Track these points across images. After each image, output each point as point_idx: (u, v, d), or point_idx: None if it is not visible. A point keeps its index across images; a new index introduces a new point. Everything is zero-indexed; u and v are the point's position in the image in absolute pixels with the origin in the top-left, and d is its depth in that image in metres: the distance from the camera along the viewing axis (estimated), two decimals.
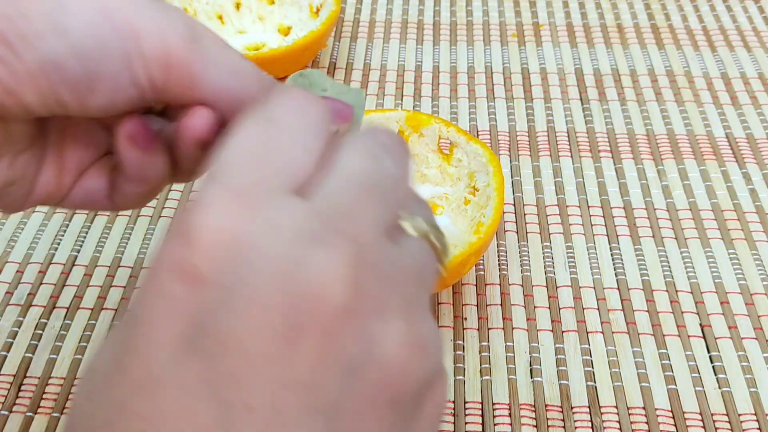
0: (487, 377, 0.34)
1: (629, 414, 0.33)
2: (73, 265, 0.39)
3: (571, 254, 0.39)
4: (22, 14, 0.18)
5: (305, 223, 0.15)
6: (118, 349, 0.15)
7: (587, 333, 0.36)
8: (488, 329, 0.36)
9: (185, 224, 0.15)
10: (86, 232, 0.41)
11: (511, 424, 0.32)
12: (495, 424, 0.32)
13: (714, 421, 0.32)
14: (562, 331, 0.36)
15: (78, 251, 0.40)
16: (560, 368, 0.34)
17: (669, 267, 0.38)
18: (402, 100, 0.49)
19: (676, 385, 0.34)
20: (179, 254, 0.15)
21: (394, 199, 0.18)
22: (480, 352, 0.35)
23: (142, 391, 0.14)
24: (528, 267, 0.38)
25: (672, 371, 0.34)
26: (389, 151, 0.18)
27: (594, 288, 0.37)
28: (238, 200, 0.15)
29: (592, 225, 0.41)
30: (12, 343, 0.35)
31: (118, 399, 0.15)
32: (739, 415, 0.33)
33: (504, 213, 0.41)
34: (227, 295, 0.14)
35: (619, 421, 0.32)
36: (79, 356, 0.35)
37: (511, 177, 0.43)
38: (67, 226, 0.41)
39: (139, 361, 0.15)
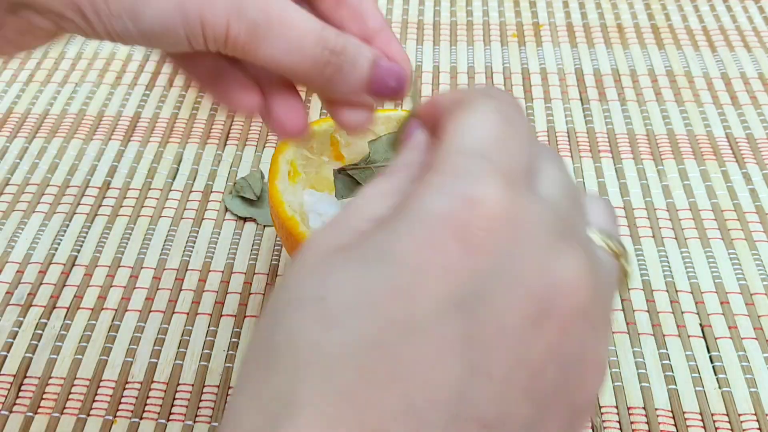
0: None
1: (629, 414, 0.33)
2: (73, 265, 0.39)
3: None
4: None
5: (555, 222, 0.17)
6: (371, 286, 0.15)
7: None
8: None
9: (468, 192, 0.16)
10: (86, 232, 0.41)
11: None
12: None
13: (714, 421, 0.32)
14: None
15: (78, 251, 0.40)
16: None
17: (669, 267, 0.38)
18: (402, 100, 0.49)
19: (676, 385, 0.34)
20: (462, 217, 0.16)
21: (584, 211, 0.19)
22: None
23: (402, 332, 0.15)
24: None
25: (672, 371, 0.34)
26: (563, 164, 0.20)
27: None
28: (508, 184, 0.16)
29: None
30: (12, 343, 0.35)
31: (371, 334, 0.15)
32: (739, 415, 0.33)
33: None
34: (499, 268, 0.15)
35: (619, 421, 0.32)
36: (80, 356, 0.35)
37: None
38: (68, 226, 0.41)
39: (404, 304, 0.15)
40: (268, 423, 0.15)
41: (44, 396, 0.33)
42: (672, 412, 0.33)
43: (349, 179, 0.33)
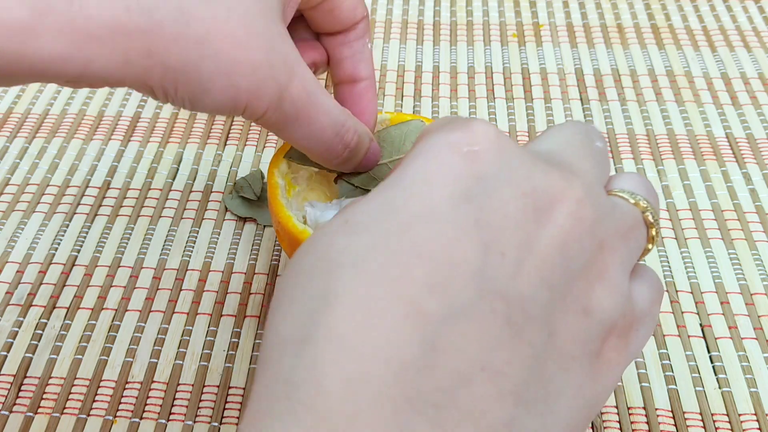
0: None
1: (629, 414, 0.33)
2: (73, 265, 0.39)
3: None
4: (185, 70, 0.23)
5: (542, 157, 0.20)
6: (389, 196, 0.18)
7: None
8: None
9: (466, 124, 0.19)
10: (86, 232, 0.41)
11: None
12: None
13: (714, 421, 0.32)
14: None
15: (78, 251, 0.40)
16: None
17: (669, 267, 0.38)
18: (402, 100, 0.49)
19: (676, 385, 0.34)
20: (460, 138, 0.18)
21: (605, 165, 0.22)
22: None
23: (421, 222, 0.17)
24: None
25: (672, 371, 0.34)
26: (599, 136, 0.22)
27: None
28: (499, 131, 0.19)
29: None
30: (12, 343, 0.36)
31: (393, 228, 0.17)
32: (739, 415, 0.33)
33: None
34: (496, 173, 0.18)
35: (619, 421, 0.32)
36: (80, 356, 0.35)
37: None
38: (68, 226, 0.41)
39: (420, 202, 0.17)
40: (308, 319, 0.16)
41: (44, 396, 0.33)
42: (672, 412, 0.33)
43: (348, 184, 0.33)
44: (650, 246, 0.22)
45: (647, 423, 0.32)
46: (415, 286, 0.16)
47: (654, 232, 0.22)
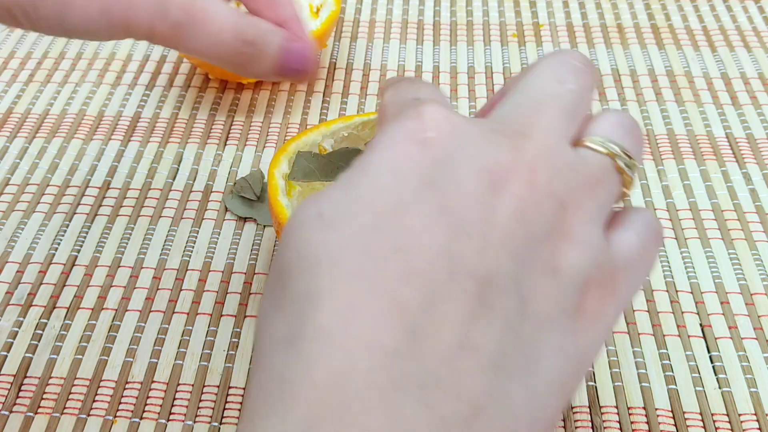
0: None
1: (629, 414, 0.33)
2: (73, 265, 0.39)
3: None
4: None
5: (490, 126, 0.20)
6: (359, 189, 0.19)
7: None
8: None
9: (416, 112, 0.19)
10: (86, 232, 0.41)
11: None
12: None
13: (714, 421, 0.32)
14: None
15: (78, 251, 0.40)
16: None
17: (669, 267, 0.38)
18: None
19: (676, 385, 0.34)
20: (415, 126, 0.19)
21: (575, 114, 0.21)
22: None
23: (390, 214, 0.18)
24: None
25: (672, 371, 0.34)
26: (576, 73, 0.22)
27: None
28: (444, 106, 0.20)
29: None
30: (12, 343, 0.36)
31: (366, 223, 0.18)
32: (739, 415, 0.33)
33: None
34: (451, 155, 0.19)
35: (619, 421, 0.32)
36: (80, 356, 0.35)
37: None
38: (68, 226, 0.41)
39: (387, 194, 0.18)
40: (295, 320, 0.17)
41: (44, 396, 0.33)
42: (672, 412, 0.33)
43: (307, 163, 0.33)
44: (627, 190, 0.22)
45: (647, 423, 0.32)
46: (391, 279, 0.17)
47: (628, 177, 0.22)
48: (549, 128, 0.20)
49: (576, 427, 0.32)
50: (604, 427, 0.32)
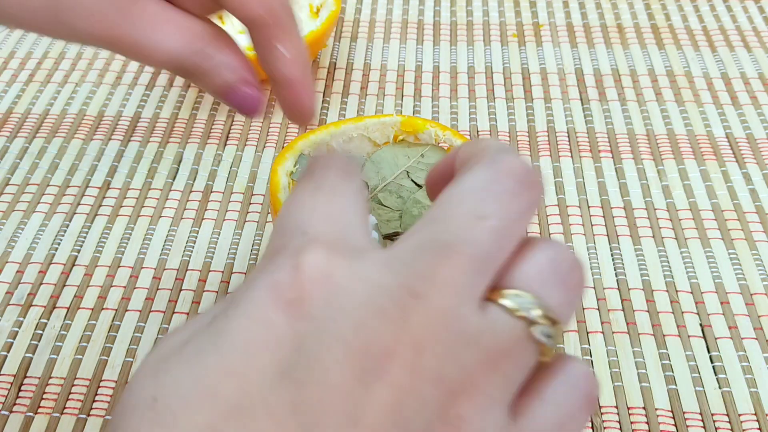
0: None
1: (629, 414, 0.33)
2: (73, 265, 0.39)
3: None
4: None
5: (380, 279, 0.16)
6: (206, 371, 0.16)
7: (587, 333, 0.36)
8: None
9: (294, 264, 0.16)
10: (86, 232, 0.41)
11: None
12: None
13: (714, 421, 0.32)
14: (563, 331, 0.36)
15: (78, 251, 0.40)
16: None
17: (669, 267, 0.38)
18: (402, 100, 0.49)
19: (676, 385, 0.34)
20: (285, 280, 0.16)
21: (490, 262, 0.17)
22: None
23: (238, 414, 0.15)
24: None
25: (672, 371, 0.34)
26: (507, 199, 0.17)
27: (594, 288, 0.38)
28: (331, 250, 0.17)
29: (592, 225, 0.41)
30: (12, 343, 0.36)
31: (208, 423, 0.15)
32: (739, 415, 0.33)
33: None
34: (321, 330, 0.16)
35: (619, 421, 0.32)
36: (80, 356, 0.35)
37: None
38: (68, 226, 0.41)
39: (237, 384, 0.15)
40: None
41: (44, 396, 0.33)
42: (672, 412, 0.33)
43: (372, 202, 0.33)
44: (546, 358, 0.17)
45: (647, 423, 0.32)
46: None
47: (547, 346, 0.17)
48: (451, 285, 0.16)
49: None
50: (604, 428, 0.32)
